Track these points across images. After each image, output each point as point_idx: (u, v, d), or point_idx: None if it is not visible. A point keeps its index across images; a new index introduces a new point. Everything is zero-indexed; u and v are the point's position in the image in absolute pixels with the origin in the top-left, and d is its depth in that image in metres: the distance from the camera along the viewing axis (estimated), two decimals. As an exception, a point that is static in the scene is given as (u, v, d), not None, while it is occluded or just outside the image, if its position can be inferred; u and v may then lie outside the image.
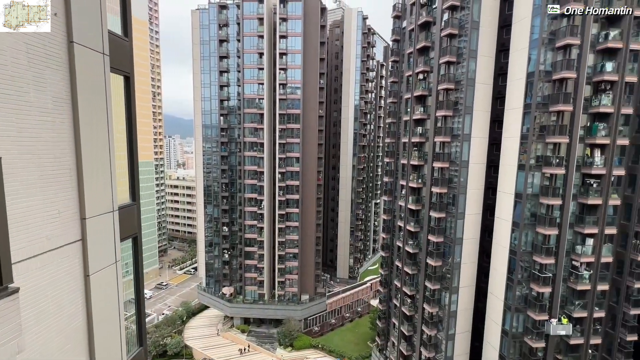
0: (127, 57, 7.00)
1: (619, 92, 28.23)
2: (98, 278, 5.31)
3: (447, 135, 35.00)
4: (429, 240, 37.18)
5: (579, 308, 30.53)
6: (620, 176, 29.66)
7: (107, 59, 5.56)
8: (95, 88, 5.24)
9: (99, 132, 5.27)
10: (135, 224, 7.49)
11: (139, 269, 7.69)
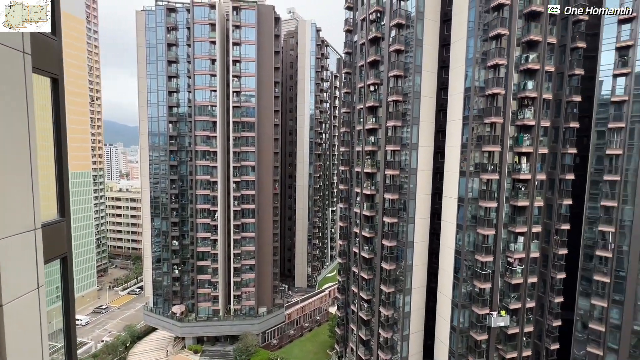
0: (54, 57, 6.34)
1: (539, 107, 32.35)
2: (14, 307, 4.62)
3: (397, 144, 36.96)
4: (383, 245, 38.56)
5: (514, 300, 33.76)
6: (542, 180, 33.78)
7: (29, 58, 4.98)
8: (12, 90, 4.65)
9: (15, 138, 4.65)
10: (65, 242, 6.70)
11: (69, 294, 6.86)
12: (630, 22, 32.13)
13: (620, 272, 32.91)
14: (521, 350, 34.38)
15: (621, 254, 32.95)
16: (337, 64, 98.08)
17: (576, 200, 35.63)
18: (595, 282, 34.18)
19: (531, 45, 32.42)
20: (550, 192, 34.74)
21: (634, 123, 32.13)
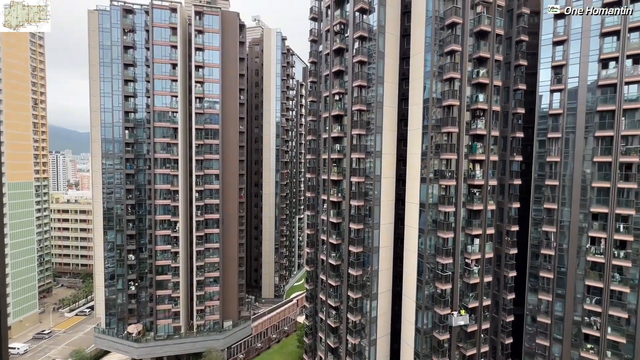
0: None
1: (489, 118, 35.04)
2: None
3: (362, 152, 37.93)
4: (350, 251, 39.05)
5: (472, 299, 35.69)
6: (494, 186, 36.43)
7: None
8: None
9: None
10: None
11: (0, 320, 6.13)
12: (562, 44, 36.19)
13: (562, 268, 36.23)
14: (480, 347, 36.28)
15: (562, 252, 36.35)
16: (303, 72, 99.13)
17: (523, 204, 38.85)
18: (541, 278, 37.28)
19: (481, 61, 35.19)
20: (501, 196, 37.53)
21: (569, 133, 35.95)
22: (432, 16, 34.02)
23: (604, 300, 33.58)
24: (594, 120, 34.37)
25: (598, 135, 33.99)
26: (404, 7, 39.34)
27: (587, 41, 34.77)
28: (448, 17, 33.51)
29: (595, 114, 34.33)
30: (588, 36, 34.71)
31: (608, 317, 33.43)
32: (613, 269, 33.37)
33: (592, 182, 34.36)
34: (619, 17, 32.88)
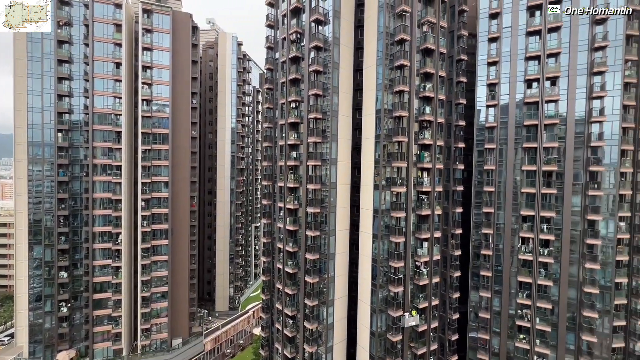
0: None
1: (435, 129, 37.67)
2: None
3: (317, 159, 38.38)
4: (306, 259, 38.96)
5: (422, 300, 37.57)
6: (440, 192, 39.05)
7: None
8: None
9: None
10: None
11: None
12: (495, 65, 40.41)
13: (498, 266, 39.79)
14: (429, 345, 38.18)
15: (498, 252, 39.97)
16: (259, 78, 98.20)
17: (465, 208, 42.18)
18: (481, 277, 40.54)
19: (427, 76, 37.90)
20: (446, 202, 40.33)
21: (502, 145, 39.99)
22: (383, 32, 35.95)
23: (533, 294, 37.48)
24: (522, 134, 38.70)
25: (525, 146, 38.29)
26: (357, 21, 41.05)
27: (515, 64, 39.27)
28: (397, 33, 35.68)
29: (522, 128, 38.68)
30: (515, 59, 39.23)
31: (537, 309, 37.34)
32: (539, 265, 37.49)
33: (521, 188, 38.49)
34: (539, 44, 37.70)
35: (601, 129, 35.58)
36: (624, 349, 36.28)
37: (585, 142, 35.97)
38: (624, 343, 36.14)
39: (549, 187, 37.06)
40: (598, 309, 35.48)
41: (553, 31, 37.31)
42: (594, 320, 35.34)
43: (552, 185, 37.04)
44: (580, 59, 36.32)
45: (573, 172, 36.43)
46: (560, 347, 36.58)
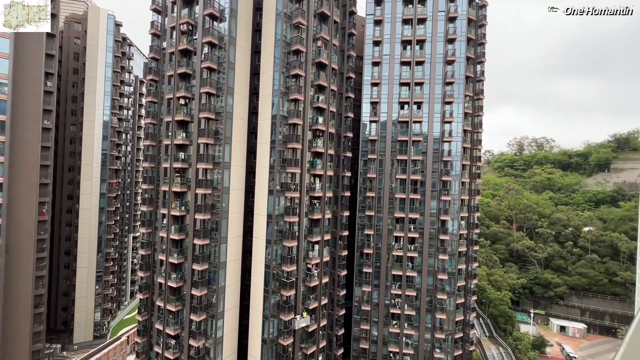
0: None
1: (326, 138, 40.30)
2: None
3: (209, 162, 35.91)
4: (193, 270, 35.72)
5: (313, 300, 39.25)
6: (330, 197, 41.87)
7: None
8: None
9: None
10: None
11: None
12: (377, 85, 46.17)
13: (377, 263, 45.07)
14: (319, 343, 40.09)
15: (378, 250, 45.29)
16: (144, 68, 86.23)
17: (352, 212, 46.41)
18: (364, 273, 45.14)
19: (321, 89, 40.34)
20: (335, 206, 43.49)
21: (381, 156, 45.78)
22: (281, 40, 36.61)
23: (403, 284, 43.84)
24: (396, 147, 45.21)
25: (399, 158, 44.83)
26: (256, 25, 40.63)
27: (392, 87, 45.77)
28: (294, 44, 36.88)
29: (397, 142, 45.21)
30: (392, 83, 45.75)
31: (405, 297, 43.82)
32: (408, 259, 44.21)
33: (395, 194, 44.79)
34: (409, 73, 44.99)
35: (450, 147, 44.72)
36: (463, 320, 46.03)
37: (440, 157, 44.55)
38: (463, 316, 45.85)
39: (415, 193, 44.31)
40: (447, 291, 44.06)
41: (419, 64, 45.14)
42: (444, 300, 43.69)
43: (417, 191, 44.40)
44: (437, 90, 44.96)
45: (432, 181, 44.55)
46: (421, 327, 43.78)
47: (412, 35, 44.73)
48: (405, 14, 45.06)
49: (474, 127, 48.03)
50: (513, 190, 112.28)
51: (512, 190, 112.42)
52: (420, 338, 43.64)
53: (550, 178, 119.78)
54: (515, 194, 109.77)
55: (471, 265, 48.20)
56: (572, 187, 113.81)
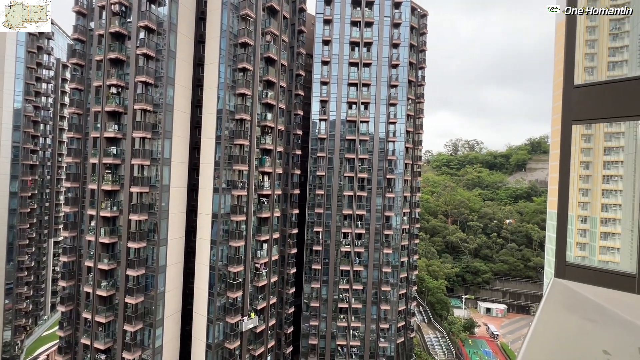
0: None
1: (275, 135, 39.68)
2: None
3: (146, 158, 32.98)
4: (128, 276, 32.61)
5: (261, 300, 38.53)
6: (279, 195, 41.39)
7: None
8: None
9: None
10: None
11: None
12: (326, 84, 46.73)
13: (326, 259, 45.83)
14: (267, 343, 39.52)
15: (327, 247, 46.04)
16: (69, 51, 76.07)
17: (302, 210, 46.48)
18: (313, 270, 45.57)
19: (269, 84, 39.53)
20: (285, 204, 43.13)
21: (330, 154, 46.53)
22: (227, 31, 34.98)
23: (350, 279, 45.23)
24: (345, 146, 46.33)
25: (347, 157, 45.99)
26: (201, 13, 38.28)
27: (341, 87, 46.70)
28: (241, 36, 35.54)
29: (345, 141, 46.33)
30: (341, 83, 46.69)
31: (353, 291, 45.28)
32: (355, 254, 45.69)
33: (344, 192, 45.90)
34: (357, 74, 46.33)
35: (394, 146, 47.17)
36: (405, 309, 49.11)
37: (385, 156, 46.73)
38: (405, 306, 48.89)
39: (362, 191, 45.92)
40: (391, 283, 46.56)
41: (366, 66, 46.72)
42: (388, 292, 46.10)
43: (364, 189, 46.04)
44: (383, 92, 47.02)
45: (377, 178, 46.56)
46: (367, 319, 45.68)
47: (360, 37, 46.10)
48: (354, 16, 46.25)
49: (415, 128, 51.29)
50: (449, 188, 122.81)
51: (448, 188, 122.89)
52: (366, 329, 45.52)
53: (479, 176, 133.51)
54: (451, 191, 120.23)
55: (412, 257, 51.57)
56: (497, 185, 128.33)
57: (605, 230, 34.11)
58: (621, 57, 17.97)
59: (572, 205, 7.07)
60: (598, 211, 33.83)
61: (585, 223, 36.09)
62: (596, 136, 28.64)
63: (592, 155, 28.86)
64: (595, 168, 30.05)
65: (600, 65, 13.87)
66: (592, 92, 4.39)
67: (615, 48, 14.46)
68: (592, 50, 19.39)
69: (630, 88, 4.10)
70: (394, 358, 46.73)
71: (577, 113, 4.35)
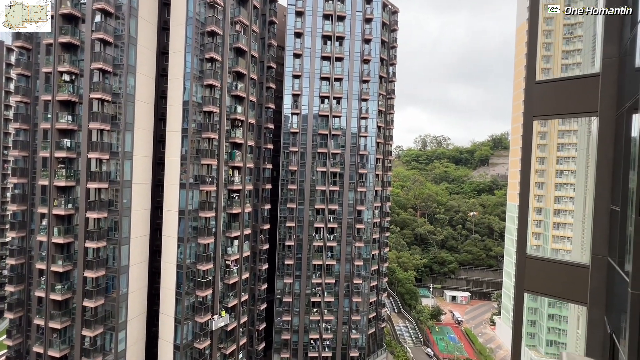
0: None
1: (246, 129, 38.62)
2: None
3: (105, 151, 30.76)
4: (86, 278, 30.49)
5: (232, 298, 37.71)
6: (250, 190, 40.51)
7: None
8: None
9: None
10: None
11: None
12: (298, 78, 46.10)
13: (299, 254, 45.70)
14: (239, 341, 38.86)
15: (300, 242, 45.86)
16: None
17: (274, 205, 45.84)
18: (286, 265, 45.29)
19: (239, 76, 38.28)
20: (256, 199, 42.30)
21: (303, 148, 46.15)
22: (194, 18, 33.26)
23: (323, 273, 45.50)
24: (317, 140, 46.14)
25: (319, 151, 45.85)
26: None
27: (313, 80, 46.27)
28: (209, 24, 33.98)
29: (318, 136, 46.14)
30: (314, 77, 46.25)
31: (325, 284, 45.61)
32: (327, 249, 45.97)
33: (316, 186, 45.84)
34: (329, 68, 46.12)
35: (365, 141, 47.70)
36: (376, 301, 50.31)
37: (357, 151, 47.16)
38: (376, 297, 50.10)
39: (335, 185, 46.10)
40: (362, 275, 47.43)
41: (338, 60, 46.62)
42: (360, 284, 46.94)
43: (336, 183, 46.25)
44: (355, 87, 47.22)
45: (349, 173, 46.93)
46: (340, 311, 46.29)
47: (332, 31, 45.82)
48: (326, 9, 45.83)
49: (386, 123, 52.17)
50: (418, 182, 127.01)
51: (417, 182, 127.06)
52: (338, 322, 46.13)
53: (446, 171, 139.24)
54: (420, 185, 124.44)
55: (383, 250, 52.83)
56: (462, 179, 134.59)
57: (557, 220, 37.61)
58: (573, 60, 19.45)
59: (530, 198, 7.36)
60: (551, 203, 37.30)
61: (540, 214, 39.58)
62: (551, 133, 31.95)
63: (547, 151, 32.07)
64: (549, 163, 33.18)
65: (556, 63, 14.73)
66: (552, 89, 4.53)
67: (569, 52, 15.53)
68: (548, 52, 20.95)
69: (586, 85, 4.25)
70: (365, 348, 47.88)
71: (538, 108, 4.47)
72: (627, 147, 4.28)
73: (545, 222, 53.23)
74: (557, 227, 50.92)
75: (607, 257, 5.44)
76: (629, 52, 4.19)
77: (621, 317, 4.18)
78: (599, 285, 5.41)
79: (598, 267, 5.50)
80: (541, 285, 6.14)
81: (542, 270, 5.94)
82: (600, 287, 5.40)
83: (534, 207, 52.74)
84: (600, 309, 5.36)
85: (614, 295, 4.89)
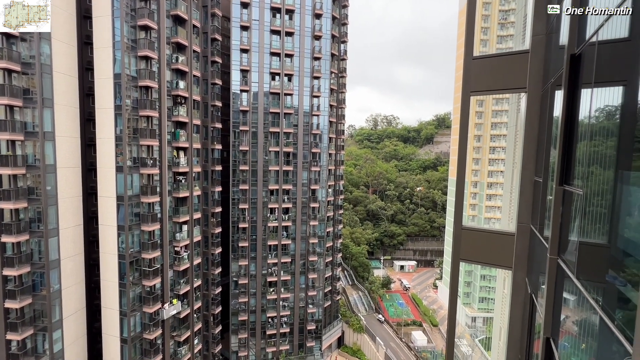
0: None
1: (190, 106, 35.88)
2: None
3: (18, 132, 26.45)
4: (6, 277, 26.80)
5: (184, 284, 36.28)
6: (199, 172, 38.33)
7: None
8: None
9: None
10: None
11: None
12: (247, 52, 43.55)
13: (253, 236, 45.11)
14: (193, 327, 37.92)
15: (254, 223, 45.13)
16: None
17: (225, 187, 44.09)
18: (240, 248, 44.52)
19: (180, 48, 34.94)
20: (205, 182, 40.24)
21: (254, 127, 44.49)
22: (120, -23, 29.05)
23: (278, 253, 45.66)
24: (269, 119, 44.72)
25: (271, 130, 44.62)
26: (80, -51, 30.80)
27: (263, 56, 44.09)
28: (140, -14, 30.02)
29: (269, 114, 44.67)
30: (263, 52, 44.04)
31: (281, 264, 45.96)
32: (283, 229, 45.98)
33: (269, 167, 44.89)
34: (280, 43, 44.19)
35: (318, 120, 47.45)
36: (331, 276, 52.24)
37: (310, 130, 46.79)
38: (331, 272, 51.94)
39: (288, 165, 45.59)
40: (318, 252, 48.61)
41: (289, 35, 44.80)
42: (315, 262, 48.16)
43: (290, 163, 45.75)
44: (306, 64, 46.07)
45: (303, 153, 46.63)
46: (296, 289, 47.30)
47: (282, 3, 43.58)
48: (274, -21, 43.20)
49: (338, 102, 52.24)
50: (369, 160, 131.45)
51: (369, 160, 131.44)
52: (295, 299, 47.22)
53: (395, 149, 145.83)
54: (371, 163, 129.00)
55: (337, 227, 54.42)
56: (410, 157, 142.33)
57: (490, 192, 41.74)
58: (507, 31, 21.07)
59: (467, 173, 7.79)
60: (485, 177, 41.11)
61: (476, 187, 43.47)
62: (486, 114, 34.66)
63: (483, 129, 34.97)
64: (484, 140, 36.32)
65: (492, 38, 15.61)
66: (488, 64, 4.69)
67: (504, 23, 16.58)
68: (485, 24, 22.20)
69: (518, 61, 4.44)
70: (322, 321, 49.98)
71: (475, 84, 4.62)
72: (550, 121, 4.64)
73: (480, 194, 59.08)
74: (489, 198, 56.87)
75: (529, 224, 6.04)
76: (555, 29, 4.44)
77: (539, 279, 4.69)
78: (522, 251, 6.03)
79: (522, 234, 6.11)
80: (475, 254, 6.71)
81: (476, 240, 6.47)
82: (523, 253, 6.02)
83: (471, 181, 58.10)
84: (523, 272, 6.02)
85: (534, 260, 5.47)
